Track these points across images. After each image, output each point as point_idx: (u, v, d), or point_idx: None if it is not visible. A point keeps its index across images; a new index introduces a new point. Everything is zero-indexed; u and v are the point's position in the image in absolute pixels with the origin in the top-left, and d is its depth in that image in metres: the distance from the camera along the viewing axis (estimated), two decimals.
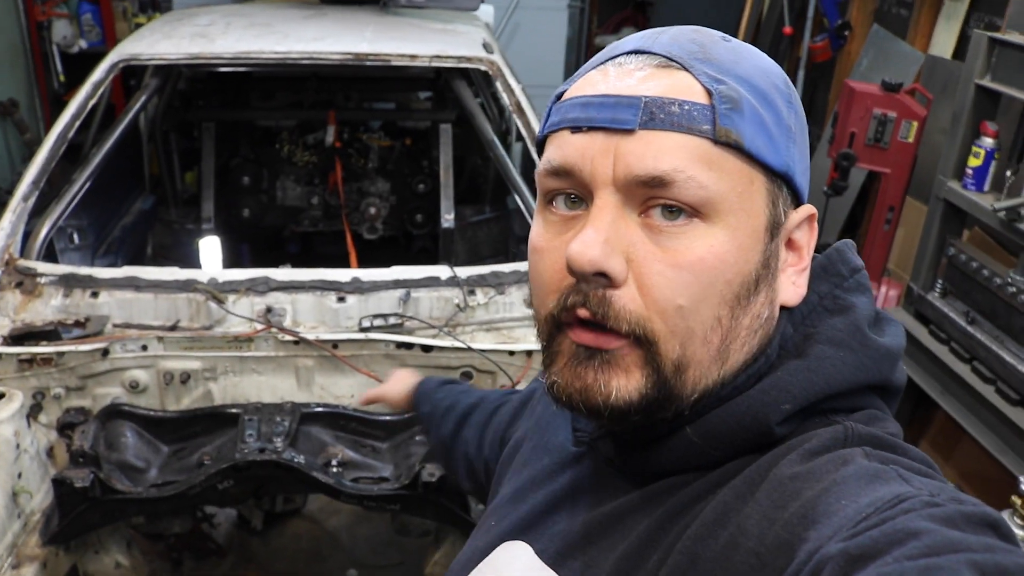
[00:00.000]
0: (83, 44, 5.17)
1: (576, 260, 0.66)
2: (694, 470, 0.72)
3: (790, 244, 0.74)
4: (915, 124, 3.51)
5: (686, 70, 0.69)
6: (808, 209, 0.74)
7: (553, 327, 0.71)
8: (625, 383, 0.69)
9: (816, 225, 0.75)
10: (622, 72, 0.70)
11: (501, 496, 0.93)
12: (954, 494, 0.60)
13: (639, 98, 0.67)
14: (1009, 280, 2.78)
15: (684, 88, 0.68)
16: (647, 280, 0.67)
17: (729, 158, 0.67)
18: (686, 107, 0.67)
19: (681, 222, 0.67)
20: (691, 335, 0.68)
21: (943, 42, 3.80)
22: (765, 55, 0.75)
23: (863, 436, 0.66)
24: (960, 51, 3.68)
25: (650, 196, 0.67)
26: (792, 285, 0.74)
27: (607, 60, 0.73)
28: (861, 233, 4.06)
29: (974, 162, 2.92)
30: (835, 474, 0.61)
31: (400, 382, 1.55)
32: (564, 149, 0.70)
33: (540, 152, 0.75)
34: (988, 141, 2.88)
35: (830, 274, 0.76)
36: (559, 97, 0.75)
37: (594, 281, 0.68)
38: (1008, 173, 2.78)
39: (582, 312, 0.68)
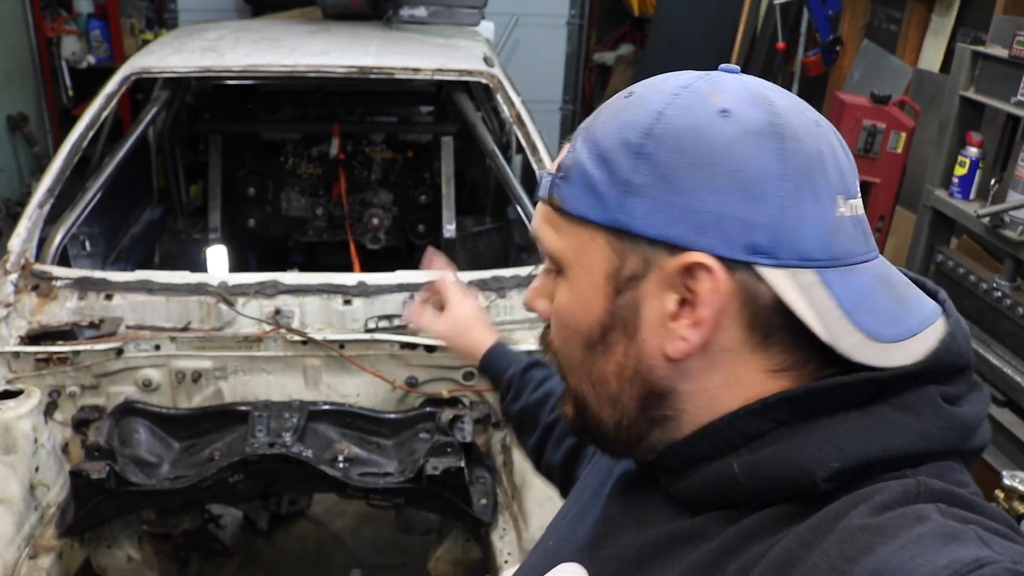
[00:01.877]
0: (91, 60, 5.27)
1: (523, 301, 0.85)
2: (742, 506, 0.71)
3: (687, 297, 0.70)
4: (903, 135, 3.60)
5: (573, 139, 0.78)
6: (686, 258, 0.68)
7: None
8: (566, 407, 0.83)
9: (712, 273, 0.68)
10: None
11: (561, 514, 0.96)
12: None
13: (542, 172, 0.80)
14: (994, 285, 2.86)
15: (557, 160, 0.79)
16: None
17: (565, 220, 0.75)
18: (545, 179, 0.78)
19: (556, 277, 0.79)
20: (572, 372, 0.80)
21: (931, 56, 3.90)
22: (670, 101, 0.71)
23: (936, 492, 0.63)
24: (947, 65, 3.78)
25: None
26: (680, 340, 0.71)
27: None
28: None
29: (960, 171, 3.01)
30: (910, 531, 0.59)
31: (463, 327, 1.47)
32: None
33: None
34: (973, 151, 2.97)
35: (951, 355, 0.70)
36: None
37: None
38: (992, 181, 2.87)
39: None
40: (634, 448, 0.79)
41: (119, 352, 2.29)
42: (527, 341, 2.51)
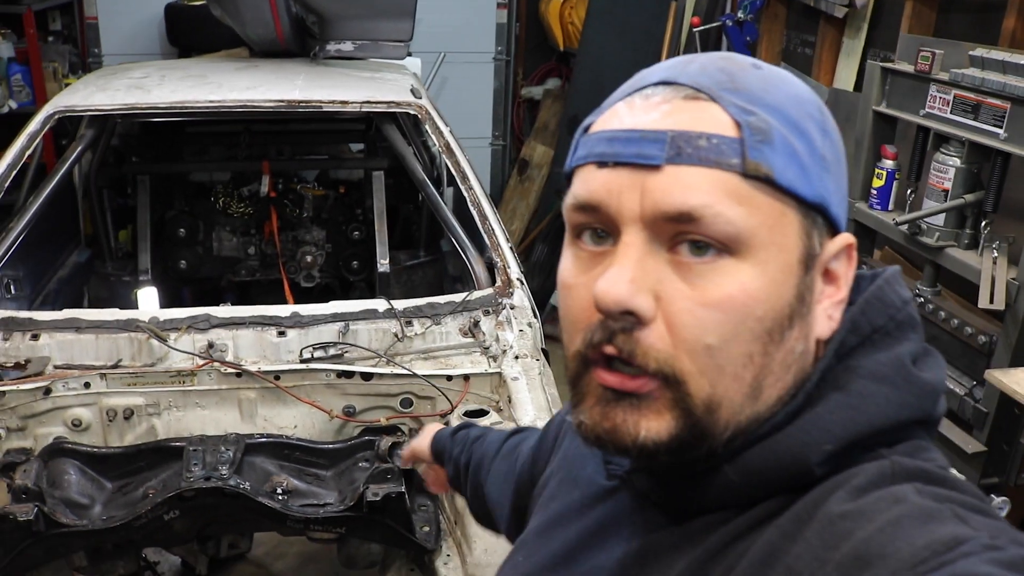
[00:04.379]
0: (13, 104, 5.17)
1: (602, 299, 0.66)
2: (732, 507, 0.70)
3: (827, 275, 0.71)
4: None
5: (715, 101, 0.67)
6: (845, 239, 0.71)
7: (581, 364, 0.70)
8: (656, 425, 0.68)
9: (855, 255, 0.72)
10: (648, 105, 0.69)
11: (528, 531, 0.91)
12: (1014, 535, 0.58)
13: (665, 132, 0.66)
14: (918, 291, 2.95)
15: (712, 120, 0.67)
16: (675, 318, 0.66)
17: (759, 192, 0.66)
18: (714, 140, 0.66)
19: (710, 258, 0.66)
20: (721, 373, 0.67)
21: (845, 76, 4.05)
22: (799, 82, 0.73)
23: (911, 471, 0.64)
24: (860, 84, 3.92)
25: (678, 232, 0.66)
26: (828, 319, 0.71)
27: (634, 92, 0.72)
28: None
29: (877, 183, 3.11)
30: (888, 513, 0.59)
31: (428, 435, 1.49)
32: (590, 184, 0.70)
33: (568, 184, 0.74)
34: (888, 163, 3.08)
35: (886, 305, 0.72)
36: (586, 129, 0.74)
37: (621, 319, 0.67)
38: (908, 191, 2.97)
39: (608, 349, 0.68)
40: (715, 456, 0.71)
41: (47, 392, 2.24)
42: (464, 365, 2.52)
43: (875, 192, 3.14)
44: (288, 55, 3.92)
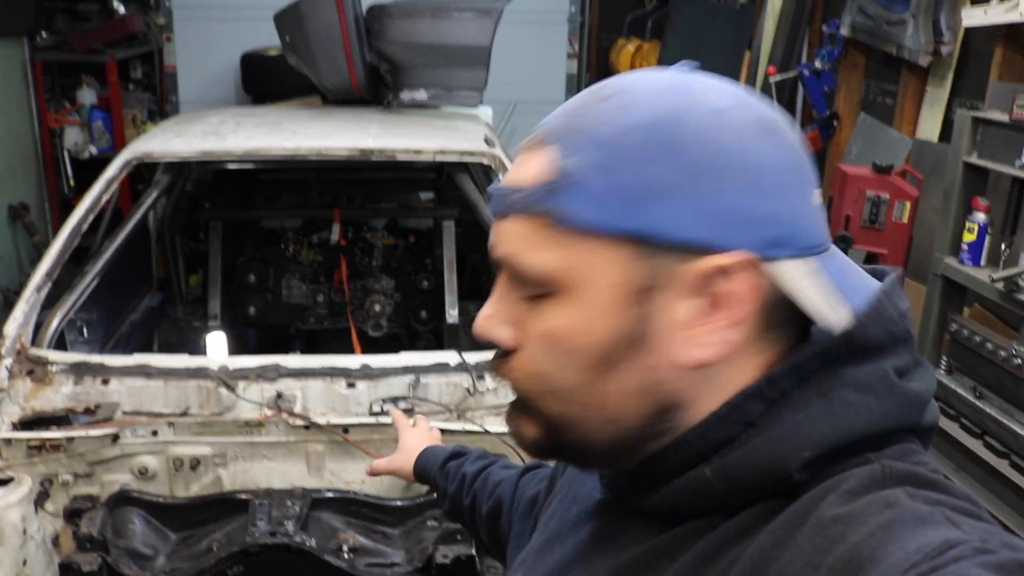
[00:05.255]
0: (93, 150, 5.31)
1: (473, 331, 0.78)
2: (718, 512, 0.70)
3: (713, 298, 0.68)
4: (908, 204, 3.59)
5: (552, 144, 0.71)
6: (711, 262, 0.67)
7: None
8: (530, 431, 0.76)
9: (740, 274, 0.67)
10: (516, 160, 0.76)
11: (529, 548, 0.92)
12: (1006, 539, 0.57)
13: (505, 188, 0.74)
14: (1014, 352, 2.80)
15: (535, 169, 0.71)
16: (522, 349, 0.74)
17: (565, 235, 0.69)
18: (526, 191, 0.71)
19: (536, 299, 0.72)
20: (560, 397, 0.72)
21: (928, 127, 3.92)
22: (663, 103, 0.69)
23: (901, 474, 0.64)
24: (945, 135, 3.79)
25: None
26: (706, 345, 0.68)
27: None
28: None
29: (968, 237, 2.98)
30: (879, 517, 0.59)
31: (408, 454, 1.53)
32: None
33: None
34: (980, 216, 2.94)
35: (884, 320, 0.69)
36: None
37: (497, 347, 0.76)
38: (1003, 246, 2.84)
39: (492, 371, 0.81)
40: (616, 464, 0.77)
41: (115, 438, 2.21)
42: None
43: (966, 247, 3.01)
44: (362, 103, 3.94)
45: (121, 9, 5.47)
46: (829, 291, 0.68)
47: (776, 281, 0.68)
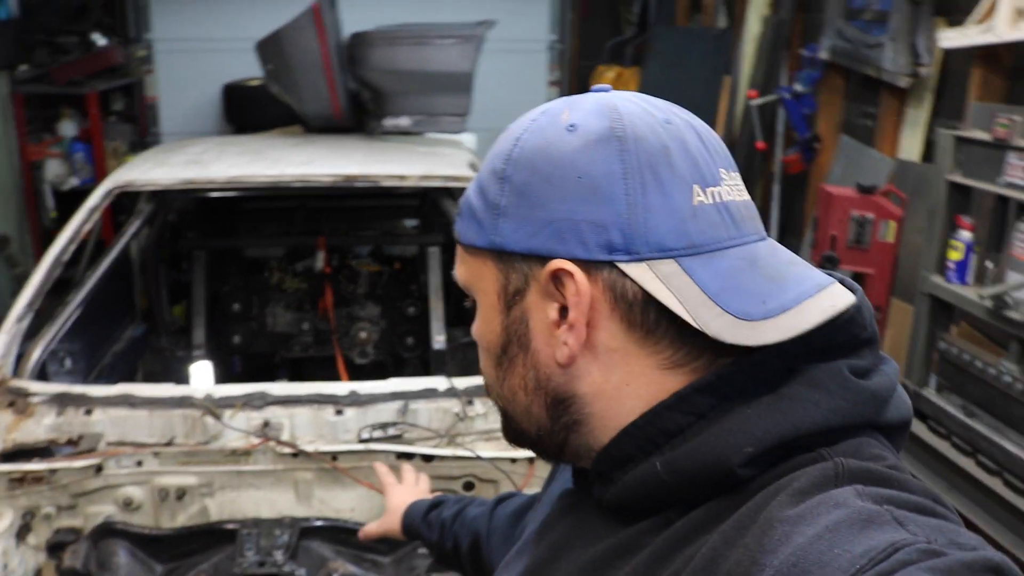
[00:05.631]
0: (75, 181, 5.28)
1: None
2: (673, 509, 0.71)
3: (562, 303, 0.74)
4: (893, 224, 3.60)
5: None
6: (549, 267, 0.73)
7: None
8: (503, 425, 0.85)
9: (573, 277, 0.72)
10: None
11: (509, 554, 0.94)
12: (954, 536, 0.58)
13: None
14: (1003, 370, 2.80)
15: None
16: None
17: (466, 253, 0.80)
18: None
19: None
20: (492, 390, 0.83)
21: (910, 147, 3.95)
22: (508, 132, 0.79)
23: (855, 472, 0.64)
24: (927, 155, 3.82)
25: None
26: (563, 345, 0.74)
27: None
28: None
29: (954, 255, 2.99)
30: (826, 518, 0.59)
31: (395, 514, 1.57)
32: None
33: None
34: (965, 234, 2.96)
35: (853, 326, 0.72)
36: None
37: None
38: (988, 264, 2.85)
39: None
40: (562, 455, 0.81)
41: (98, 469, 2.16)
42: None
43: (952, 265, 3.02)
44: (344, 131, 3.93)
45: (101, 41, 5.45)
46: (690, 293, 0.69)
47: (623, 285, 0.71)
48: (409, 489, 1.64)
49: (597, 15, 7.22)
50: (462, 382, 2.52)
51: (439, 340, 3.58)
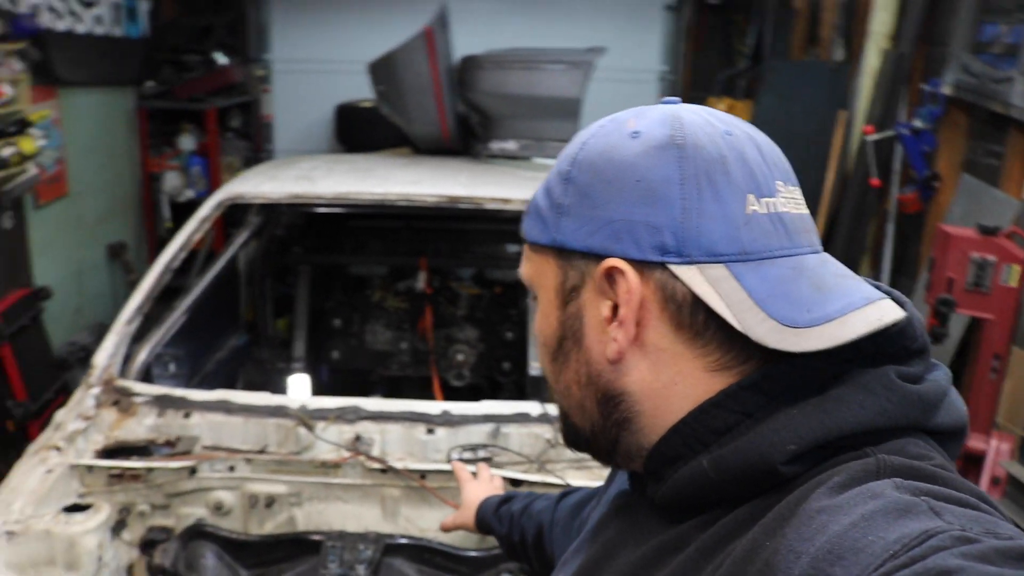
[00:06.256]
0: (190, 194, 5.48)
1: None
2: (719, 507, 0.73)
3: (615, 301, 0.77)
4: (1016, 268, 3.40)
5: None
6: (604, 265, 0.76)
7: None
8: (561, 427, 0.88)
9: (625, 275, 0.75)
10: None
11: (569, 549, 0.98)
12: (989, 526, 0.58)
13: None
14: None
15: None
16: None
17: (531, 251, 0.85)
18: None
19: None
20: (552, 387, 0.86)
21: None
22: (578, 137, 0.83)
23: (896, 467, 0.65)
24: None
25: None
26: (612, 341, 0.77)
27: None
28: (965, 384, 3.89)
29: None
30: (863, 507, 0.61)
31: (470, 508, 1.65)
32: None
33: None
34: None
35: (905, 338, 0.73)
36: None
37: None
38: None
39: None
40: (615, 453, 0.82)
41: (192, 471, 2.20)
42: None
43: None
44: (452, 153, 3.96)
45: (223, 60, 5.66)
46: (737, 298, 0.71)
47: (673, 287, 0.74)
48: (484, 485, 1.72)
49: (710, 47, 7.14)
50: (555, 408, 2.48)
51: (535, 366, 3.54)
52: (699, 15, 7.03)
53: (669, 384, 0.76)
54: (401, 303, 4.05)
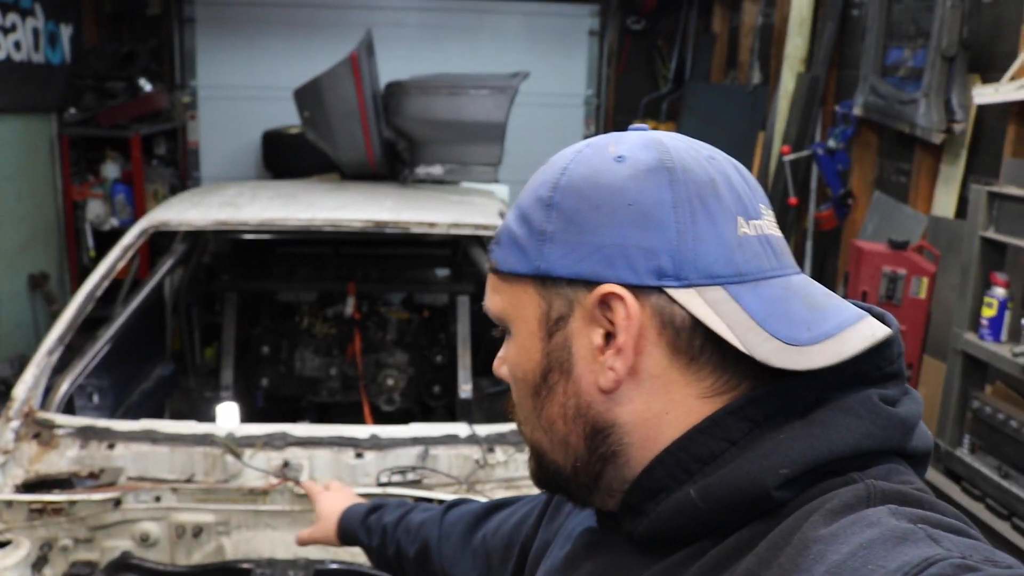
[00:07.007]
0: (115, 222, 5.40)
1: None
2: (708, 538, 0.71)
3: (608, 329, 0.74)
4: (925, 280, 3.56)
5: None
6: (598, 291, 0.73)
7: None
8: (529, 463, 0.85)
9: (624, 301, 0.72)
10: None
11: None
12: (988, 554, 0.58)
13: None
14: None
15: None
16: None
17: (502, 281, 0.81)
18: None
19: (508, 336, 0.83)
20: (527, 422, 0.82)
21: (944, 203, 3.91)
22: (553, 162, 0.81)
23: (887, 493, 0.65)
24: (961, 212, 3.78)
25: None
26: (608, 370, 0.74)
27: None
28: None
29: (988, 312, 2.94)
30: (860, 536, 0.60)
31: (330, 520, 1.51)
32: None
33: None
34: (1000, 291, 2.91)
35: (881, 359, 0.74)
36: None
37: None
38: (1023, 321, 2.79)
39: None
40: (594, 491, 0.79)
41: (117, 503, 2.17)
42: None
43: (985, 323, 2.97)
44: (379, 178, 3.98)
45: (147, 87, 5.60)
46: (739, 319, 0.71)
47: (671, 311, 0.72)
48: (337, 495, 1.58)
49: (633, 71, 7.30)
50: (483, 429, 2.51)
51: (465, 389, 3.57)
52: (623, 40, 7.19)
53: (661, 413, 0.74)
54: (330, 329, 4.04)
